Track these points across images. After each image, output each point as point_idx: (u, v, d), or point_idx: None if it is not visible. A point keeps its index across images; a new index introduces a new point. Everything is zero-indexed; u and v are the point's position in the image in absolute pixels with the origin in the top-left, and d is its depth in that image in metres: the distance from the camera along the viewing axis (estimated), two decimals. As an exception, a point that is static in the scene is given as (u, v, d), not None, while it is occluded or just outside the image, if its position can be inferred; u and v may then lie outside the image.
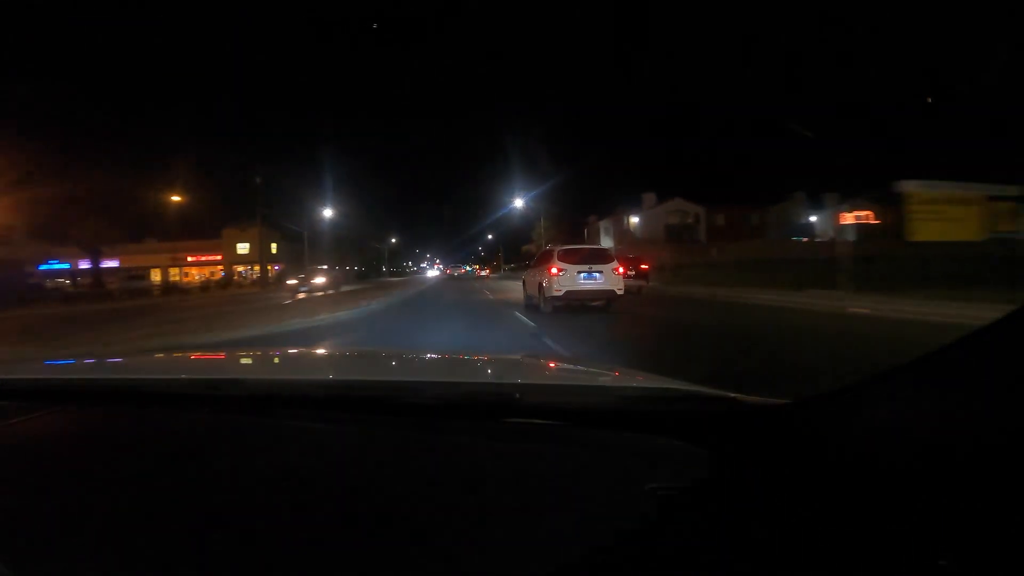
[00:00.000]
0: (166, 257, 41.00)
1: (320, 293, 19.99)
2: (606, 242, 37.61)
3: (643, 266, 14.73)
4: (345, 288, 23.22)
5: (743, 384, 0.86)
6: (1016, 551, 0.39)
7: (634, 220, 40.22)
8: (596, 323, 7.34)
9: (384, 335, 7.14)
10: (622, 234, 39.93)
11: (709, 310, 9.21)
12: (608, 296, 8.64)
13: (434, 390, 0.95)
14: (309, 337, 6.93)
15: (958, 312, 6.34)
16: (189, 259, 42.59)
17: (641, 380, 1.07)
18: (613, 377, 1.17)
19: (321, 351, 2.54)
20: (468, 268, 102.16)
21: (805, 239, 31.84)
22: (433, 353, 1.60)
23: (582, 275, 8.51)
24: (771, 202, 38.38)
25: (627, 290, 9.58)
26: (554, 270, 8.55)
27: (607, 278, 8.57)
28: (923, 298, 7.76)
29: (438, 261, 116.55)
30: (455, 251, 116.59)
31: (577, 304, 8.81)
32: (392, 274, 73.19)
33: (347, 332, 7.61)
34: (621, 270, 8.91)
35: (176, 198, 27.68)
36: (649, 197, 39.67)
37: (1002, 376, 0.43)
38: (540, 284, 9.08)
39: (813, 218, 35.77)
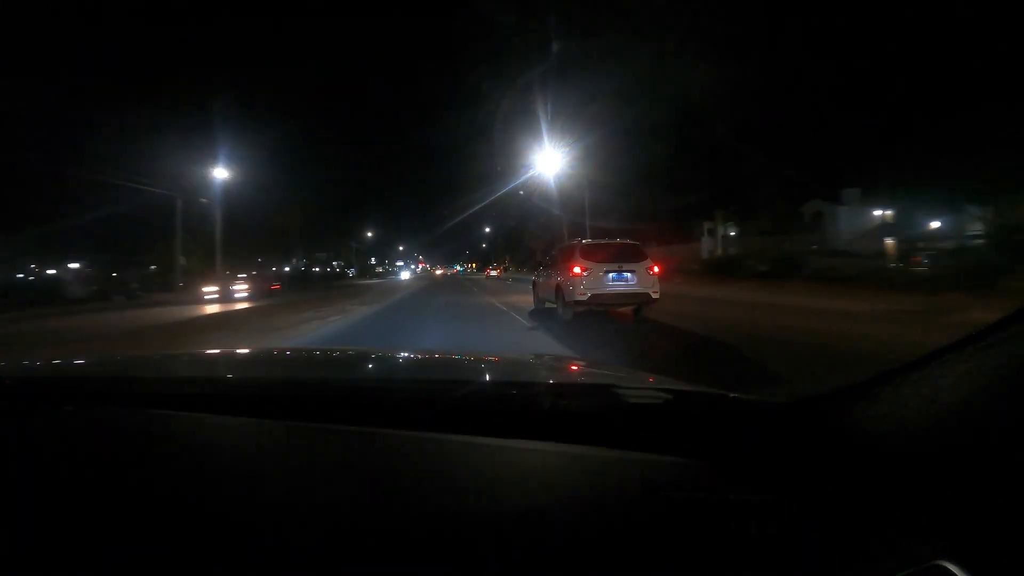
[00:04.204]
0: None
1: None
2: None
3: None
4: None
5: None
6: (1015, 549, 0.39)
7: None
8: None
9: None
10: None
11: None
12: (641, 300, 7.41)
13: (439, 389, 0.95)
14: None
15: None
16: None
17: (642, 380, 1.08)
18: (614, 377, 1.17)
19: (323, 350, 2.51)
20: (460, 268, 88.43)
21: None
22: (439, 353, 1.62)
23: (611, 275, 7.32)
24: None
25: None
26: (577, 269, 7.36)
27: (640, 279, 7.36)
28: None
29: (421, 257, 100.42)
30: (441, 244, 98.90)
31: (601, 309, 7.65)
32: (358, 276, 53.71)
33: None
34: (656, 269, 7.57)
35: None
36: None
37: (1001, 376, 0.43)
38: (559, 286, 7.85)
39: None
